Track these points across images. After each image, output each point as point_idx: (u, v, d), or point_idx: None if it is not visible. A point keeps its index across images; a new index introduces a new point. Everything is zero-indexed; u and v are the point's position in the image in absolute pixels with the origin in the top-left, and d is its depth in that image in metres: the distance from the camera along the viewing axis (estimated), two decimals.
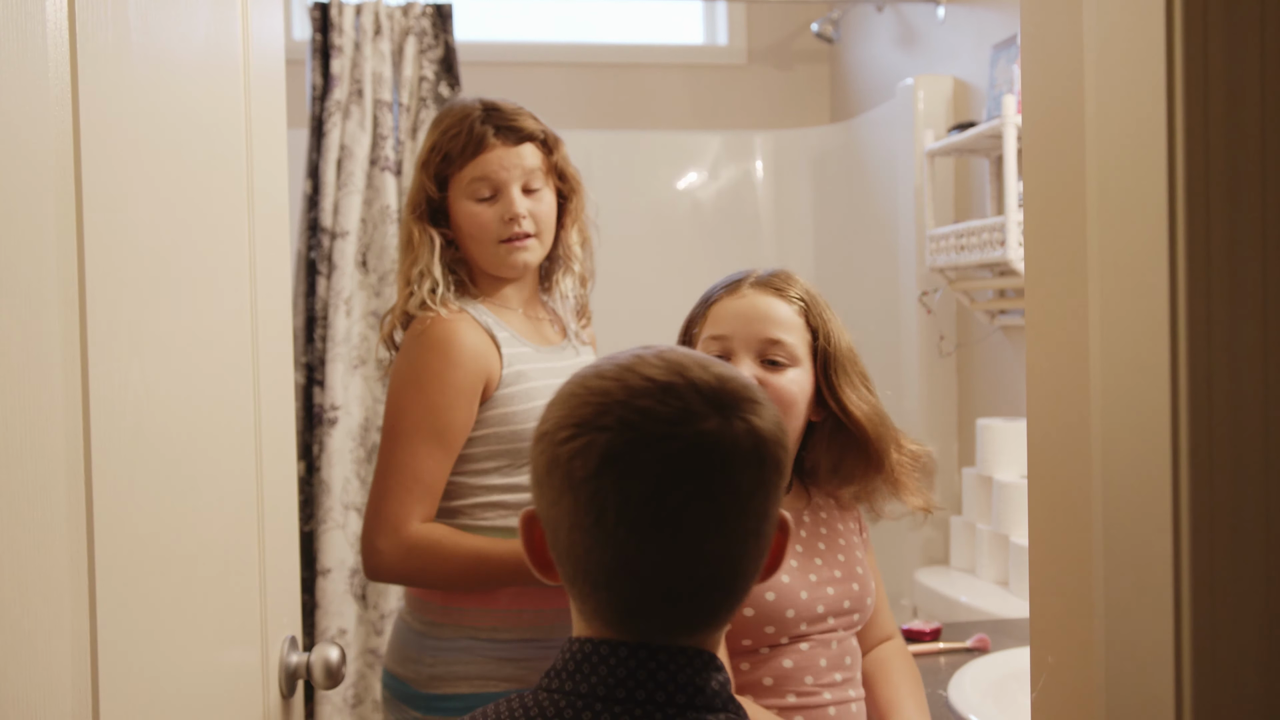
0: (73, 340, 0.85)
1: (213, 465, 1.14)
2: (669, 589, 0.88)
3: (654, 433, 0.86)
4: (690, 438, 0.86)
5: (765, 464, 0.89)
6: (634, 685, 0.88)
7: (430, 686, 1.69)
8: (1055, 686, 0.97)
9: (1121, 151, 0.72)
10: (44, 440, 0.80)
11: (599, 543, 0.87)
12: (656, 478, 0.85)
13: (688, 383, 0.88)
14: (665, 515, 0.85)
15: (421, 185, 1.74)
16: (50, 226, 0.82)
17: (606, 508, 0.86)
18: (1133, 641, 0.72)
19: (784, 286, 1.54)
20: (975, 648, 1.93)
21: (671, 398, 0.87)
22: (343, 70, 2.94)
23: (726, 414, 0.88)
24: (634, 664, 0.88)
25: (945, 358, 3.10)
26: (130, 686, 0.93)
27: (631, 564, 0.87)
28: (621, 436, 0.86)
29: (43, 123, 0.82)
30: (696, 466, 0.86)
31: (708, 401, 0.88)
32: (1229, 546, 0.67)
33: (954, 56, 3.13)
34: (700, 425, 0.86)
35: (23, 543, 0.78)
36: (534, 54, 3.93)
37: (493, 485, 1.70)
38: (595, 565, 0.89)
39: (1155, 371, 0.68)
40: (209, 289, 1.15)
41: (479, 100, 1.77)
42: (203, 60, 1.15)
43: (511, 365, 1.69)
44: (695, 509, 0.86)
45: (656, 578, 0.87)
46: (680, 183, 3.96)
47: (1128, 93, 0.71)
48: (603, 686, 0.88)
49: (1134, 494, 0.71)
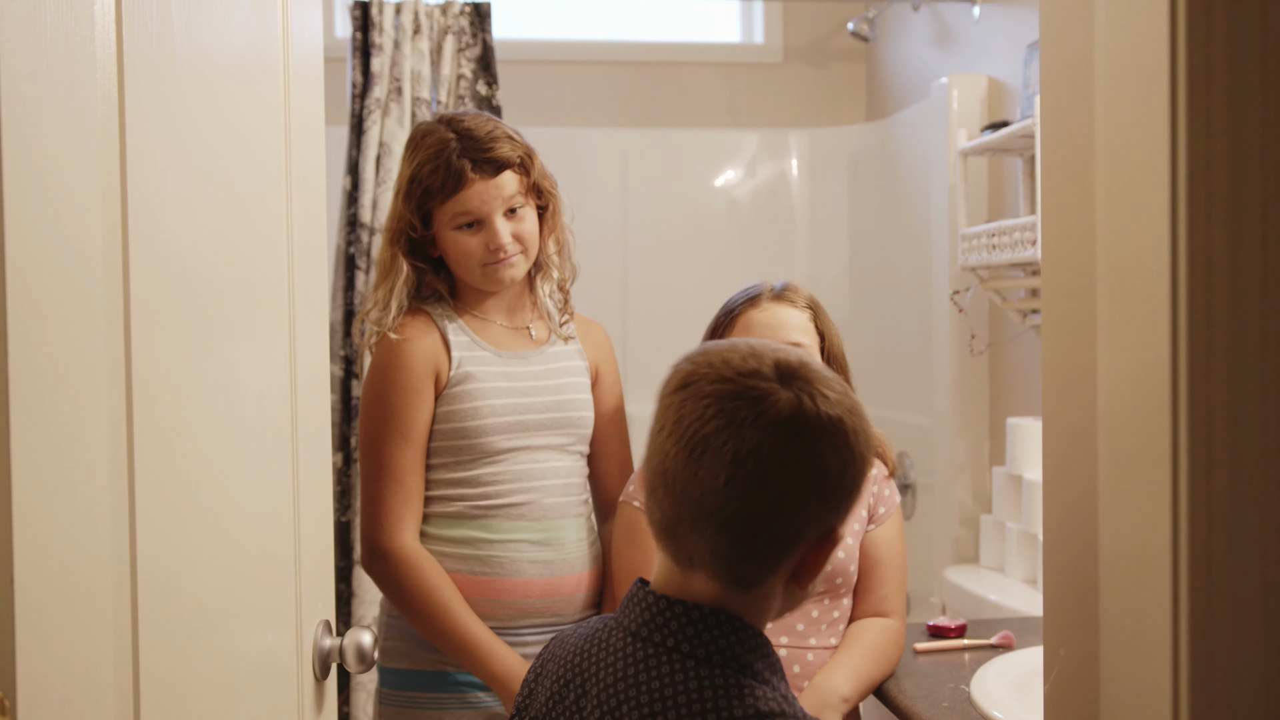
0: (116, 332, 0.89)
1: (250, 454, 1.18)
2: (684, 511, 0.99)
3: (721, 373, 0.99)
4: (743, 385, 0.98)
5: (804, 441, 0.98)
6: (655, 628, 1.02)
7: (383, 660, 1.85)
8: (1066, 678, 0.99)
9: (1126, 154, 0.74)
10: (87, 430, 0.84)
11: (654, 451, 1.03)
12: (705, 405, 0.98)
13: (770, 354, 1.02)
14: (699, 439, 0.97)
15: (402, 215, 1.81)
16: (96, 223, 0.86)
17: (666, 420, 1.01)
18: (1132, 634, 0.74)
19: (795, 298, 1.84)
20: (1000, 644, 1.95)
21: (751, 358, 1.01)
22: (383, 68, 2.98)
23: (786, 383, 0.99)
24: (657, 609, 1.02)
25: (977, 356, 3.10)
26: (169, 668, 0.96)
27: (667, 477, 1.00)
28: (699, 368, 1.01)
29: (90, 122, 0.85)
30: (736, 409, 0.97)
31: (778, 370, 1.00)
32: (1226, 542, 0.69)
33: (989, 56, 3.14)
34: (757, 381, 0.98)
35: (68, 533, 0.81)
36: (571, 52, 3.97)
37: (438, 480, 1.82)
38: (651, 473, 1.03)
39: (1156, 371, 0.70)
40: (248, 283, 1.18)
41: (450, 127, 1.81)
42: (244, 60, 1.18)
43: (460, 366, 1.80)
44: (723, 444, 0.96)
45: (680, 497, 0.99)
46: (716, 181, 3.98)
47: (1133, 98, 0.73)
48: (635, 624, 1.04)
49: (1134, 489, 0.73)
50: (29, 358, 0.75)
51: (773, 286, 1.86)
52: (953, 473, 3.13)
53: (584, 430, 1.88)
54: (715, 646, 0.99)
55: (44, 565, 0.77)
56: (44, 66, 0.79)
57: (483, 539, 1.79)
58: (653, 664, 1.00)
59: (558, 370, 1.87)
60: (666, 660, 1.00)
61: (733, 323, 1.83)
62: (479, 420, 1.78)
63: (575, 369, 1.90)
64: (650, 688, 0.99)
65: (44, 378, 0.78)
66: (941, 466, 3.17)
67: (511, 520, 1.79)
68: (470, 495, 1.80)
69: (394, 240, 1.82)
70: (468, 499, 1.80)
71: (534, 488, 1.81)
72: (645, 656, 1.01)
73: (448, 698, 1.81)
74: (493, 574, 1.79)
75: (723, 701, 0.97)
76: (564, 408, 1.84)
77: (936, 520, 3.21)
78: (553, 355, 1.89)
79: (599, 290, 3.84)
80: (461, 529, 1.80)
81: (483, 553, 1.79)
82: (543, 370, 1.85)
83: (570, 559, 1.83)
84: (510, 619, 1.80)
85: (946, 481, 3.13)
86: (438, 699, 1.81)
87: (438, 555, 1.80)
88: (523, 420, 1.80)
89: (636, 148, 3.91)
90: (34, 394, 0.76)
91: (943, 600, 2.91)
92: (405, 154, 1.85)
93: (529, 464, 1.81)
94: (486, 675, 1.75)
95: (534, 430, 1.81)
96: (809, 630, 1.78)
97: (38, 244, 0.77)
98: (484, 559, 1.79)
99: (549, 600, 1.81)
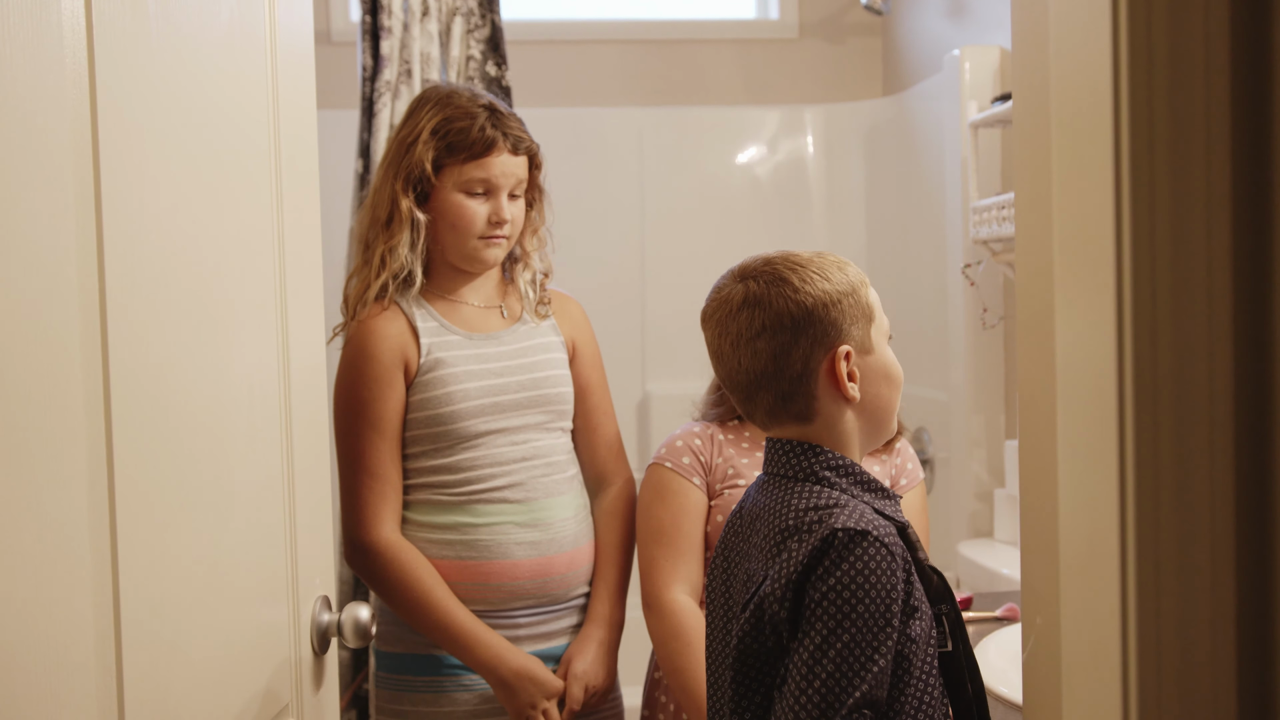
0: (92, 313, 0.90)
1: (238, 434, 1.19)
2: (738, 392, 1.34)
3: (716, 297, 1.36)
4: (722, 298, 1.34)
5: (759, 308, 1.30)
6: (768, 462, 1.35)
7: (378, 643, 1.87)
8: (1041, 647, 0.99)
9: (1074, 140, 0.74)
10: (62, 410, 0.85)
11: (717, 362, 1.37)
12: (715, 323, 1.35)
13: (740, 265, 1.36)
14: (723, 348, 1.34)
15: (417, 163, 1.79)
16: (70, 206, 0.87)
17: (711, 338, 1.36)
18: (1085, 604, 0.75)
19: None
20: (1004, 617, 1.95)
21: (725, 277, 1.37)
22: (392, 51, 2.99)
23: (743, 279, 1.33)
24: (768, 449, 1.35)
25: (989, 330, 3.09)
26: (152, 642, 0.98)
27: (722, 369, 1.36)
28: (710, 304, 1.37)
29: (59, 105, 0.86)
30: (722, 316, 1.33)
31: (740, 273, 1.34)
32: (1174, 513, 0.69)
33: (1001, 26, 3.11)
34: (727, 289, 1.34)
35: (42, 510, 0.83)
36: (583, 31, 3.96)
37: (418, 468, 1.82)
38: (722, 378, 1.38)
39: (1103, 351, 0.70)
40: (232, 266, 1.19)
41: (476, 96, 1.84)
42: (226, 41, 1.19)
43: (430, 353, 1.80)
44: (730, 341, 1.32)
45: (732, 384, 1.35)
46: (732, 158, 3.97)
47: (1079, 82, 0.72)
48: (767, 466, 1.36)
49: (1085, 462, 0.73)
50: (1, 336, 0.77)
51: None
52: (968, 446, 3.12)
53: (563, 406, 1.87)
54: (796, 465, 1.30)
55: (14, 539, 0.78)
56: (8, 49, 0.80)
57: (468, 523, 1.79)
58: (766, 486, 1.33)
59: (532, 348, 1.86)
60: (770, 482, 1.33)
61: None
62: (453, 406, 1.78)
63: (550, 345, 1.89)
64: (761, 503, 1.32)
65: (16, 356, 0.79)
66: (957, 440, 3.16)
67: (495, 504, 1.79)
68: (451, 482, 1.80)
69: (406, 184, 1.80)
70: (449, 485, 1.80)
71: (516, 469, 1.81)
72: (762, 483, 1.35)
73: (443, 680, 1.82)
74: (480, 558, 1.79)
75: (793, 500, 1.27)
76: (539, 385, 1.84)
77: (952, 494, 3.21)
78: (526, 333, 1.88)
79: (617, 269, 3.85)
80: (446, 515, 1.80)
81: (468, 537, 1.79)
82: (516, 349, 1.85)
83: (559, 538, 1.83)
84: (501, 601, 1.80)
85: (962, 455, 3.12)
86: (433, 681, 1.82)
87: (424, 542, 1.80)
88: (498, 402, 1.80)
89: (652, 126, 3.91)
90: (5, 373, 0.77)
91: (957, 574, 2.91)
92: (423, 108, 1.84)
93: (508, 446, 1.81)
94: (472, 662, 1.76)
95: (510, 411, 1.81)
96: None
97: (7, 229, 0.78)
98: (470, 543, 1.79)
99: (539, 581, 1.81)
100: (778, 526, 1.26)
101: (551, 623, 1.85)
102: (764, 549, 1.27)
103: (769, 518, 1.29)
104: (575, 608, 1.88)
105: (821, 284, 1.31)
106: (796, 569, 1.20)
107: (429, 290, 1.86)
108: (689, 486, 1.77)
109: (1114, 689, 0.69)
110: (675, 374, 3.82)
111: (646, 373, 3.87)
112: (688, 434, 1.82)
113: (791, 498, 1.28)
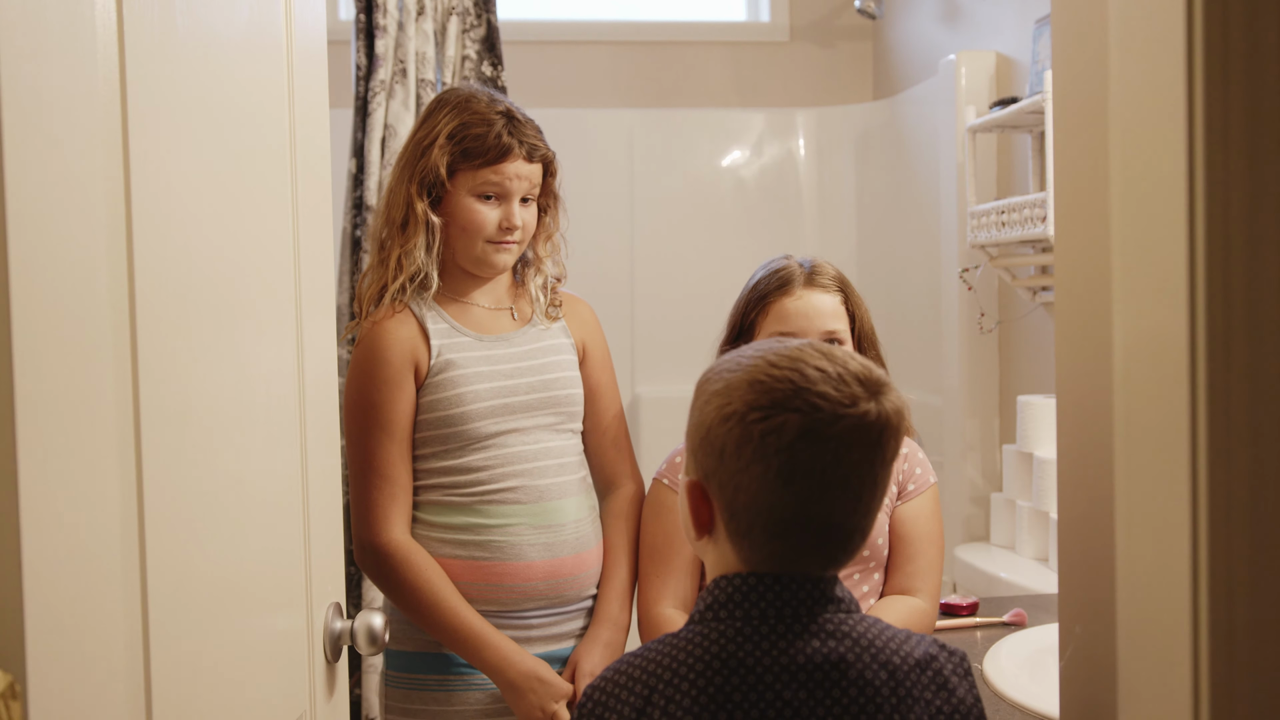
0: (121, 316, 0.88)
1: (259, 438, 1.17)
2: (835, 530, 1.12)
3: (834, 413, 1.09)
4: (860, 415, 1.09)
5: (899, 434, 1.12)
6: (802, 602, 1.11)
7: (389, 643, 1.84)
8: (1082, 655, 0.98)
9: (1140, 124, 0.73)
10: (93, 415, 0.83)
11: (785, 500, 1.10)
12: (836, 447, 1.09)
13: (849, 373, 1.12)
14: (841, 474, 1.09)
15: (431, 167, 1.79)
16: (100, 206, 0.85)
17: (796, 472, 1.09)
18: (1150, 612, 0.74)
19: (826, 281, 1.85)
20: (1012, 622, 1.94)
21: (842, 385, 1.11)
22: (387, 50, 2.97)
23: (878, 397, 1.11)
24: (804, 589, 1.12)
25: (986, 334, 3.09)
26: (179, 651, 0.96)
27: (810, 514, 1.11)
28: (811, 416, 1.09)
29: (92, 102, 0.84)
30: (864, 437, 1.09)
31: (864, 386, 1.11)
32: (1247, 519, 0.68)
33: (997, 32, 3.12)
34: (864, 405, 1.10)
35: (75, 518, 0.81)
36: (576, 32, 3.94)
37: (430, 469, 1.81)
38: (778, 519, 1.11)
39: (1173, 344, 0.69)
40: (254, 267, 1.17)
41: (494, 101, 1.84)
42: (246, 40, 1.17)
43: (440, 355, 1.80)
44: (861, 469, 1.10)
45: (829, 523, 1.11)
46: (722, 161, 3.97)
47: (1147, 65, 0.71)
48: (785, 608, 1.11)
49: (1153, 466, 0.72)
50: (34, 339, 0.75)
51: (801, 266, 1.86)
52: (962, 451, 3.12)
53: (573, 408, 1.87)
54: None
55: (51, 550, 0.76)
56: (45, 46, 0.78)
57: (480, 524, 1.79)
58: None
59: (542, 350, 1.86)
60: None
61: (765, 310, 1.84)
62: (463, 407, 1.78)
63: (561, 347, 1.89)
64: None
65: (49, 361, 0.77)
66: (951, 445, 3.16)
67: (507, 504, 1.79)
68: (463, 483, 1.80)
69: (421, 188, 1.80)
70: (461, 486, 1.79)
71: (527, 470, 1.81)
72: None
73: (453, 679, 1.81)
74: (493, 559, 1.78)
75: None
76: (550, 387, 1.84)
77: (947, 499, 3.20)
78: (536, 335, 1.88)
79: (606, 271, 3.83)
80: (458, 516, 1.79)
81: (481, 538, 1.78)
82: (526, 351, 1.85)
83: (571, 539, 1.82)
84: (514, 603, 1.79)
85: (956, 460, 3.12)
86: (443, 680, 1.81)
87: (435, 543, 1.80)
88: (508, 403, 1.79)
89: (643, 128, 3.90)
90: (39, 378, 0.75)
91: (953, 578, 2.91)
92: (441, 111, 1.84)
93: (520, 446, 1.81)
94: (480, 664, 1.75)
95: (521, 412, 1.81)
96: None
97: (41, 228, 0.76)
98: (483, 544, 1.78)
99: (551, 582, 1.80)
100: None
101: (563, 624, 1.85)
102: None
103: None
104: (585, 610, 1.88)
105: (701, 404, 1.22)
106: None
107: (440, 292, 1.86)
108: None
109: (1185, 700, 0.68)
110: (665, 377, 3.81)
111: (636, 374, 3.85)
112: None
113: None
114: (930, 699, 1.09)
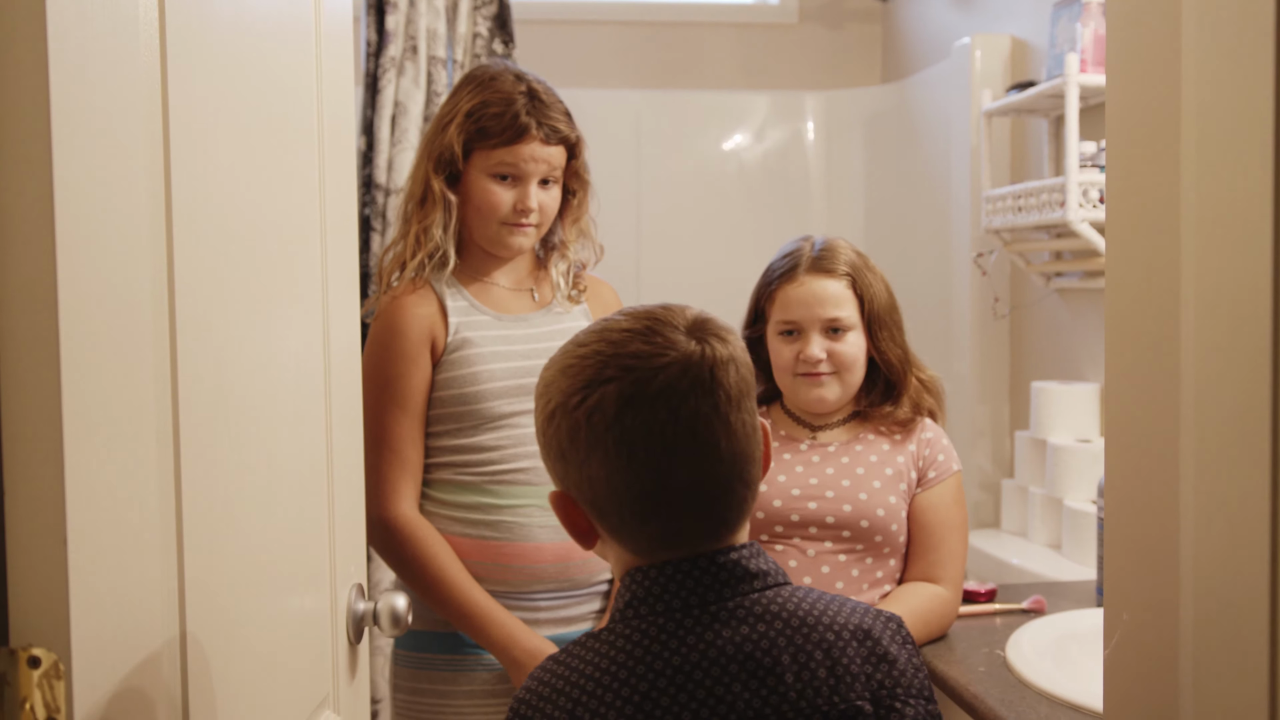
0: (160, 290, 0.86)
1: (288, 417, 1.15)
2: (707, 493, 1.03)
3: (651, 366, 1.02)
4: (681, 360, 1.02)
5: (741, 370, 1.05)
6: (710, 585, 1.03)
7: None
8: (1131, 643, 0.97)
9: (1224, 104, 0.71)
10: (135, 394, 0.82)
11: (637, 475, 1.02)
12: (666, 402, 1.01)
13: (662, 322, 1.05)
14: (685, 429, 1.01)
15: (448, 145, 1.78)
16: (141, 186, 0.84)
17: (635, 443, 1.01)
18: (1224, 601, 0.72)
19: (834, 265, 1.82)
20: (1031, 609, 1.93)
21: (654, 335, 1.04)
22: (397, 27, 2.94)
23: (700, 338, 1.04)
24: (709, 571, 1.04)
25: (999, 320, 3.07)
26: (213, 632, 0.94)
27: (668, 482, 1.02)
28: (627, 379, 1.02)
29: (134, 84, 0.83)
30: (694, 382, 1.02)
31: (683, 331, 1.04)
32: None
33: (1011, 15, 3.09)
34: (685, 349, 1.03)
35: (117, 499, 0.79)
36: (586, 11, 3.91)
37: (442, 446, 1.80)
38: (637, 498, 1.03)
39: (1257, 327, 0.67)
40: (285, 247, 1.16)
41: (520, 79, 1.81)
42: (278, 21, 1.16)
43: (458, 332, 1.79)
44: (705, 417, 1.02)
45: (691, 488, 1.03)
46: (730, 144, 3.94)
47: (1234, 46, 0.70)
48: (692, 596, 1.03)
49: (1229, 449, 0.70)
50: (80, 323, 0.73)
51: (813, 249, 1.85)
52: (973, 437, 3.11)
53: None
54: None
55: (94, 530, 0.75)
56: (89, 29, 0.76)
57: (491, 504, 1.77)
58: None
59: (562, 331, 1.84)
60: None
61: (772, 297, 1.84)
62: (478, 386, 1.76)
63: (580, 330, 1.88)
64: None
65: (94, 340, 0.75)
66: (962, 431, 3.15)
67: (518, 485, 1.77)
68: (475, 462, 1.78)
69: (439, 167, 1.79)
70: (473, 465, 1.78)
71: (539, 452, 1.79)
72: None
73: (462, 659, 1.79)
74: (503, 539, 1.77)
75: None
76: None
77: None
78: (556, 316, 1.87)
79: (612, 252, 3.79)
80: (470, 495, 1.78)
81: (492, 518, 1.77)
82: (545, 332, 1.83)
83: None
84: (523, 584, 1.78)
85: (966, 446, 3.11)
86: (452, 660, 1.79)
87: (446, 520, 1.78)
88: (524, 384, 1.78)
89: (650, 110, 3.87)
90: (84, 360, 0.74)
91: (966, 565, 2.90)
92: (465, 87, 1.82)
93: (533, 428, 1.79)
94: (486, 641, 1.74)
95: None
96: (849, 588, 1.77)
97: (87, 205, 0.75)
98: (494, 524, 1.77)
99: (561, 565, 1.79)
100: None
101: (572, 607, 1.83)
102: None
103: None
104: (598, 593, 1.86)
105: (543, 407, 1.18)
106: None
107: (461, 270, 1.84)
108: None
109: (1261, 687, 0.67)
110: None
111: None
112: None
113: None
114: (871, 673, 1.03)
